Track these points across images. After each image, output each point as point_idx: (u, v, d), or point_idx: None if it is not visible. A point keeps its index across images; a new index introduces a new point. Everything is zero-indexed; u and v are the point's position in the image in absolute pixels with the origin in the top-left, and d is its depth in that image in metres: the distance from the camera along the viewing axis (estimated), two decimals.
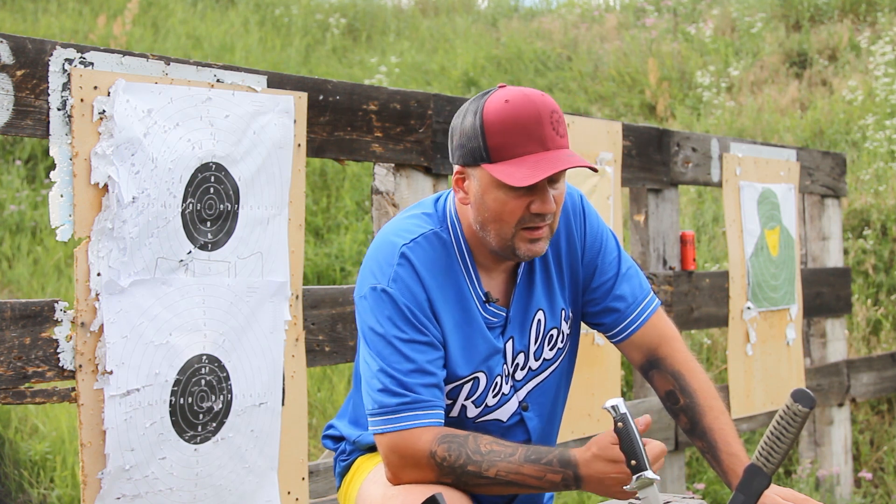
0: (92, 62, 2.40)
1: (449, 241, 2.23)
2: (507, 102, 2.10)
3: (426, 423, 2.13)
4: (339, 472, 2.43)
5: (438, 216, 2.25)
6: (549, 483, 2.08)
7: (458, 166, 2.18)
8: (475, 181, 2.15)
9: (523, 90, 2.13)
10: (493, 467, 2.09)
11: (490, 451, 2.10)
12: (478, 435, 2.14)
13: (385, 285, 2.16)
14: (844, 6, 10.28)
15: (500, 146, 2.10)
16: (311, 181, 7.92)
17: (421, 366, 2.14)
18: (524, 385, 2.32)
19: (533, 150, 2.09)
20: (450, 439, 2.12)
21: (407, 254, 2.18)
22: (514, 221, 2.13)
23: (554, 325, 2.32)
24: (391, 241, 2.21)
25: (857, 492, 5.32)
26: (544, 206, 2.12)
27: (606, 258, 2.35)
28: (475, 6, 13.24)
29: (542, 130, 2.10)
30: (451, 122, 2.21)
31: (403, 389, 2.13)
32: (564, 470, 2.06)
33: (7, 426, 4.83)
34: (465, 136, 2.14)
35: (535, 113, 2.10)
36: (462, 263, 2.23)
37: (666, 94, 9.41)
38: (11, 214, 7.05)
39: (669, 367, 2.33)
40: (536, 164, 2.08)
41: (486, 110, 2.11)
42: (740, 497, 2.09)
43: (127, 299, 2.43)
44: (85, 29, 9.51)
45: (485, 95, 2.15)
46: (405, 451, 2.13)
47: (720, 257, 6.82)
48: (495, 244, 2.17)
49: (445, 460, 2.11)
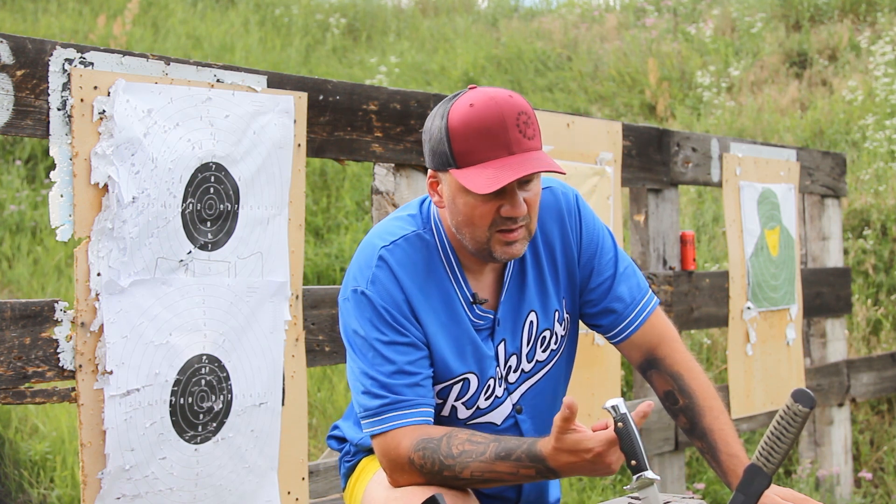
0: (92, 62, 2.40)
1: (432, 243, 2.22)
2: (471, 107, 2.09)
3: (409, 422, 2.13)
4: (344, 472, 2.43)
5: (423, 218, 2.25)
6: (525, 477, 2.07)
7: (431, 170, 2.18)
8: (446, 185, 2.15)
9: (490, 92, 2.11)
10: (467, 468, 2.08)
11: (462, 452, 2.09)
12: (452, 435, 2.12)
13: (364, 287, 2.17)
14: (844, 6, 10.28)
15: (464, 152, 2.08)
16: (311, 181, 7.92)
17: (401, 367, 2.14)
18: (517, 388, 2.31)
19: (497, 154, 2.07)
20: (424, 444, 2.11)
21: (385, 256, 2.18)
22: (486, 225, 2.12)
23: (546, 327, 2.31)
24: (372, 243, 2.22)
25: (857, 492, 5.32)
26: (514, 210, 2.11)
27: (603, 258, 2.33)
28: (475, 6, 13.24)
29: (507, 135, 2.07)
30: (425, 123, 2.20)
31: (385, 391, 2.13)
32: (535, 464, 2.05)
33: (7, 426, 4.83)
34: (434, 141, 2.13)
35: (498, 117, 2.07)
36: (447, 265, 2.23)
37: (666, 94, 9.41)
38: (11, 214, 7.05)
39: (668, 367, 2.32)
40: (499, 170, 2.06)
41: (452, 115, 2.10)
42: (740, 497, 2.09)
43: (127, 299, 2.43)
44: (85, 29, 9.50)
45: (453, 98, 2.14)
46: (390, 454, 2.14)
47: (720, 257, 6.82)
48: (471, 247, 2.17)
49: (423, 467, 2.11)
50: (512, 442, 2.08)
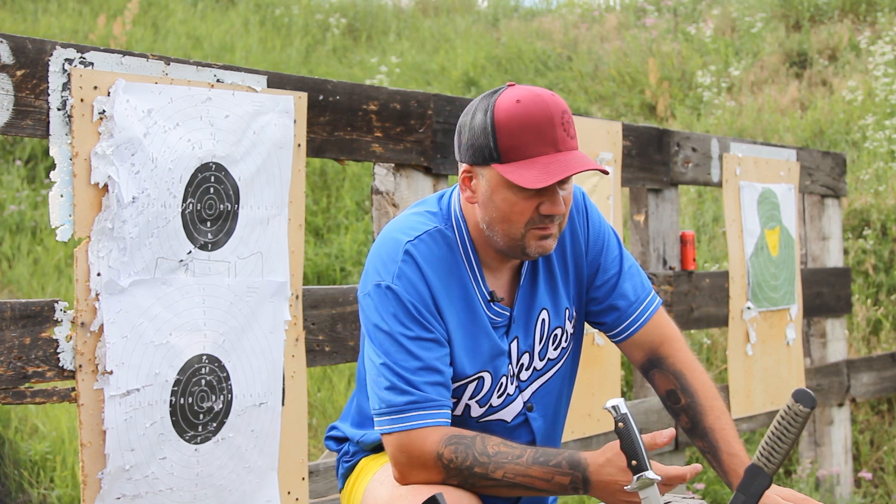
0: (92, 62, 2.40)
1: (453, 239, 2.21)
2: (518, 102, 2.09)
3: (433, 422, 2.12)
4: (343, 473, 2.42)
5: (443, 214, 2.24)
6: (557, 485, 2.07)
7: (466, 165, 2.16)
8: (484, 180, 2.14)
9: (534, 90, 2.12)
10: (501, 469, 2.08)
11: (497, 452, 2.09)
12: (485, 436, 2.13)
13: (390, 282, 2.15)
14: (844, 6, 10.28)
15: (511, 147, 2.08)
16: (311, 181, 7.92)
17: (428, 363, 2.13)
18: (529, 385, 2.31)
19: (544, 151, 2.08)
20: (457, 441, 2.10)
21: (411, 251, 2.16)
22: (523, 222, 2.12)
23: (558, 325, 2.31)
24: (395, 238, 2.20)
25: (857, 492, 5.32)
26: (554, 208, 2.12)
27: (609, 256, 2.34)
28: (475, 6, 13.24)
29: (554, 132, 2.08)
30: (459, 119, 2.19)
31: (410, 387, 2.11)
32: (573, 472, 2.05)
33: (7, 426, 4.83)
34: (475, 135, 2.12)
35: (546, 114, 2.08)
36: (467, 261, 2.22)
37: (666, 94, 9.41)
38: (11, 214, 7.05)
39: (671, 366, 2.32)
40: (548, 167, 2.07)
41: (498, 109, 2.09)
42: (741, 497, 2.09)
43: (127, 299, 2.43)
44: (85, 29, 9.50)
45: (495, 94, 2.13)
46: (412, 451, 2.11)
47: (720, 257, 6.82)
48: (503, 243, 2.16)
49: (452, 462, 2.09)
50: (551, 450, 2.10)
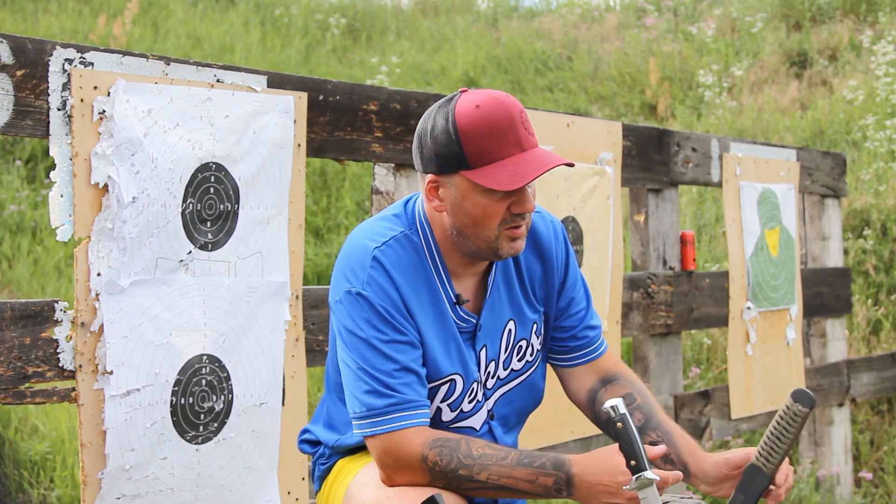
0: (92, 62, 2.40)
1: (419, 244, 2.23)
2: (478, 108, 2.11)
3: (415, 422, 2.14)
4: (319, 475, 2.41)
5: (408, 218, 2.26)
6: (540, 486, 2.09)
7: (432, 175, 2.17)
8: (452, 188, 2.15)
9: (489, 93, 2.14)
10: (485, 471, 2.10)
11: (482, 454, 2.11)
12: (470, 438, 2.15)
13: (360, 289, 2.17)
14: (845, 6, 10.28)
15: (477, 152, 2.10)
16: (311, 181, 7.93)
17: (404, 364, 2.15)
18: (493, 393, 2.34)
19: (511, 152, 2.11)
20: (441, 443, 2.13)
21: (379, 257, 2.18)
22: (496, 224, 2.15)
23: (524, 337, 2.34)
24: (363, 244, 2.21)
25: (857, 492, 5.32)
26: (525, 206, 2.15)
27: (579, 292, 2.42)
28: (475, 6, 13.25)
29: (517, 132, 2.11)
30: (417, 130, 2.21)
31: (389, 390, 2.13)
32: (557, 473, 2.08)
33: (7, 426, 4.83)
34: (439, 145, 2.13)
35: (507, 115, 2.11)
36: (433, 265, 2.24)
37: (666, 94, 9.41)
38: (11, 214, 7.05)
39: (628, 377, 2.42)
40: (517, 167, 2.10)
41: (459, 117, 2.11)
42: (740, 497, 2.10)
43: (127, 299, 2.43)
44: (85, 29, 9.51)
45: (450, 101, 2.15)
46: (398, 453, 2.13)
47: (720, 257, 6.83)
48: (476, 247, 2.19)
49: (437, 464, 2.12)
50: (536, 451, 2.14)
